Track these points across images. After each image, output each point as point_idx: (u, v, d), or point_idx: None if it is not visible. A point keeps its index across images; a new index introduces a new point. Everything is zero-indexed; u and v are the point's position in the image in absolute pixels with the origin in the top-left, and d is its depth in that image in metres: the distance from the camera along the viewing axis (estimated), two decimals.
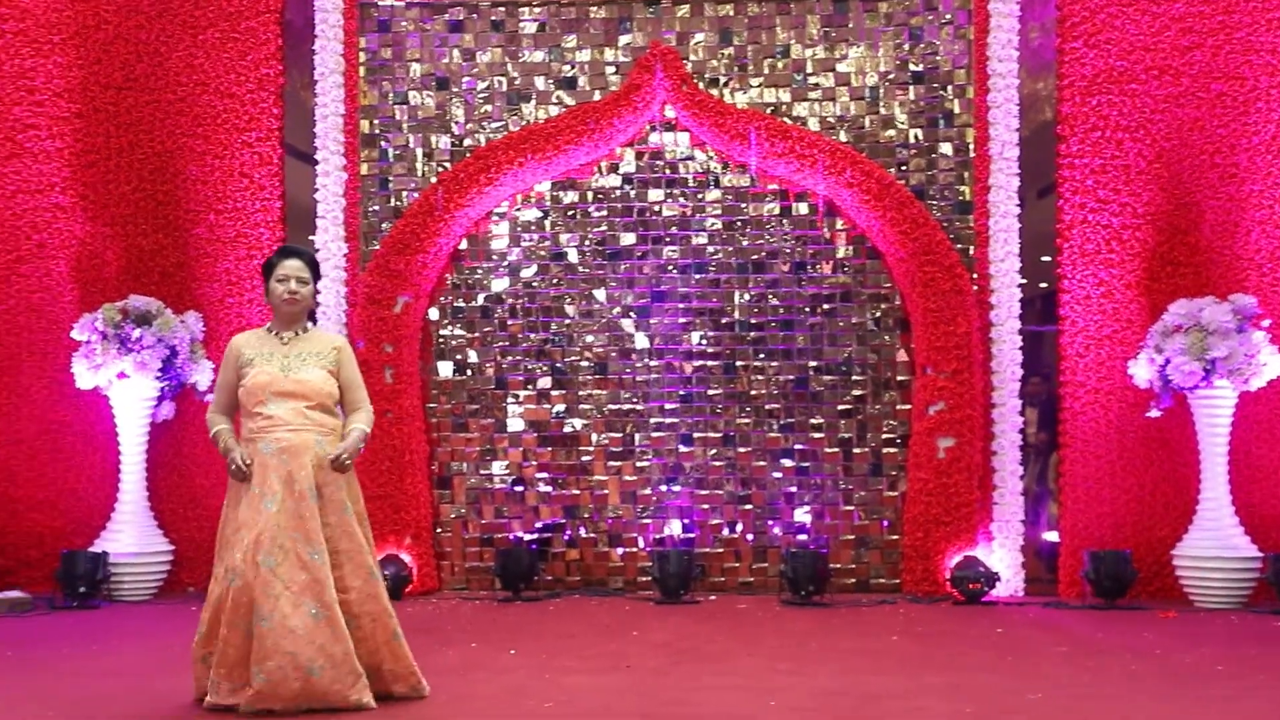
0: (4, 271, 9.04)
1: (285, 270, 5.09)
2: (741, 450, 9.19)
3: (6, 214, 9.06)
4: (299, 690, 4.68)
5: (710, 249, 9.29)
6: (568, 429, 9.29)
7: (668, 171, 9.34)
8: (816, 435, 9.16)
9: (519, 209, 9.38)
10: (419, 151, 9.39)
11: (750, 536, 9.15)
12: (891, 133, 9.21)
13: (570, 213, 9.38)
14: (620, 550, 9.21)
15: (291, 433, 4.91)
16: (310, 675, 4.67)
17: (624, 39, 9.36)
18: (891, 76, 9.22)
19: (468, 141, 9.35)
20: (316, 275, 5.21)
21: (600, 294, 9.33)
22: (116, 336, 8.43)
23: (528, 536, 9.20)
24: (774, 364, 9.21)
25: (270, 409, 4.94)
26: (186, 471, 9.03)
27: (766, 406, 9.20)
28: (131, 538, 8.62)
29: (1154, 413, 8.38)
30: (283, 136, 9.24)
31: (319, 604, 4.73)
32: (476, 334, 9.36)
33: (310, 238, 9.18)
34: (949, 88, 9.18)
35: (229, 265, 9.11)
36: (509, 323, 9.35)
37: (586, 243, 9.35)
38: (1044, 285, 9.62)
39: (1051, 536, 9.39)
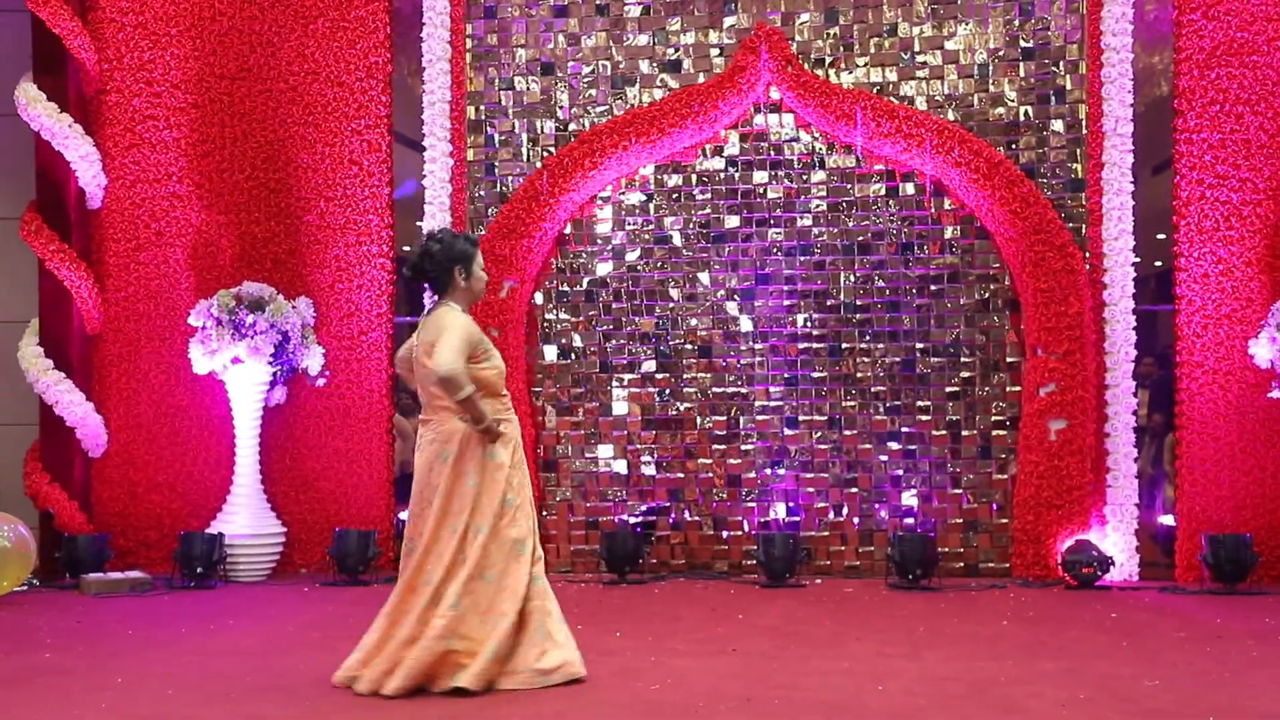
0: (124, 259, 9.31)
1: (484, 262, 5.36)
2: (847, 433, 9.12)
3: (127, 203, 9.32)
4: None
5: (815, 230, 9.21)
6: (672, 412, 9.29)
7: (772, 153, 9.28)
8: (924, 418, 9.05)
9: (623, 193, 9.39)
10: (524, 136, 9.44)
11: (856, 520, 9.07)
12: (1001, 110, 9.05)
13: (674, 196, 9.36)
14: (725, 534, 9.20)
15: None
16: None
17: (728, 21, 9.31)
18: (1001, 53, 9.06)
19: (572, 126, 9.38)
20: None
21: (704, 277, 9.31)
22: (231, 322, 8.60)
23: (632, 520, 9.23)
24: (880, 346, 9.12)
25: (505, 391, 5.23)
26: (298, 455, 9.20)
27: (872, 389, 9.11)
28: (245, 520, 8.81)
29: (1276, 393, 8.16)
30: (391, 124, 9.34)
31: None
32: (581, 318, 9.40)
33: (418, 224, 9.29)
34: (1061, 63, 8.99)
35: (339, 252, 9.25)
36: (613, 306, 9.36)
37: (691, 226, 9.33)
38: (1158, 264, 9.40)
39: (1167, 520, 9.19)
